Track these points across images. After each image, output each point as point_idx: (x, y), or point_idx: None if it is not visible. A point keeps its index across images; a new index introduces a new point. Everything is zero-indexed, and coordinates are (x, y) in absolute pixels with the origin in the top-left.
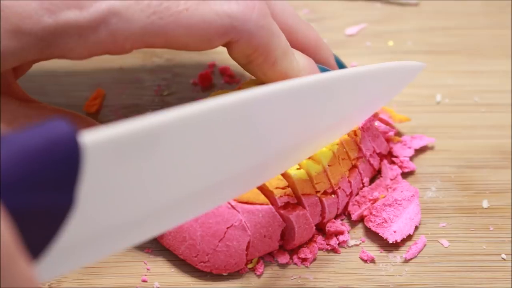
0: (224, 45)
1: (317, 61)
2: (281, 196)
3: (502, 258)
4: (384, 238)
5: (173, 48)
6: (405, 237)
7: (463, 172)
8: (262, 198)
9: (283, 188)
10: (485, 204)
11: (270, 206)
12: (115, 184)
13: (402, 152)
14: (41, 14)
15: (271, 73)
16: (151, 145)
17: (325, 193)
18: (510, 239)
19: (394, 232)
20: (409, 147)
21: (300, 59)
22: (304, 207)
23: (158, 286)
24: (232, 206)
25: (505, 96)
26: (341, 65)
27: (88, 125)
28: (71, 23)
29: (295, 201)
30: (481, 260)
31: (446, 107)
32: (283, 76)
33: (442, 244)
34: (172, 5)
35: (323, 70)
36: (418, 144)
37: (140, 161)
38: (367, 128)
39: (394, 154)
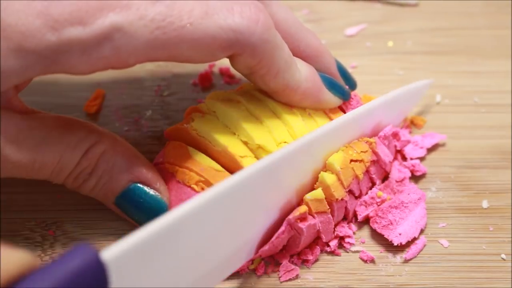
0: (227, 57)
1: (319, 69)
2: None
3: (502, 258)
4: (389, 240)
5: (176, 61)
6: (410, 239)
7: (463, 172)
8: None
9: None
10: (485, 204)
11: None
12: (139, 282)
13: (414, 153)
14: (44, 32)
15: (273, 84)
16: (163, 243)
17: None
18: (510, 239)
19: (400, 234)
20: (421, 147)
21: (302, 69)
22: (314, 217)
23: None
24: None
25: (505, 97)
26: (343, 72)
27: (88, 129)
28: (74, 40)
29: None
30: (481, 260)
31: (446, 107)
32: (285, 86)
33: (442, 244)
34: (176, 20)
35: (324, 78)
36: (429, 142)
37: (157, 257)
38: (384, 136)
39: (406, 156)
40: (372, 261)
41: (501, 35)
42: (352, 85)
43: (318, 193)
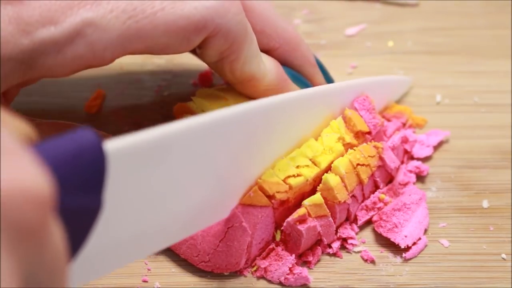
0: (199, 47)
1: (297, 56)
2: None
3: (502, 258)
4: (396, 243)
5: (155, 53)
6: (416, 241)
7: (463, 172)
8: (264, 200)
9: (285, 192)
10: (485, 204)
11: (271, 207)
12: (134, 190)
13: (422, 152)
14: (17, 36)
15: (239, 73)
16: (164, 154)
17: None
18: (510, 239)
19: (405, 236)
20: (427, 146)
21: (266, 61)
22: (313, 219)
23: (159, 286)
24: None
25: (505, 96)
26: (321, 66)
27: None
28: (47, 40)
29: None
30: (481, 260)
31: (446, 107)
32: (251, 76)
33: (442, 244)
34: (147, 8)
35: (288, 71)
36: (435, 140)
37: (155, 168)
38: (393, 146)
39: (414, 155)
40: (373, 261)
41: (501, 35)
42: (329, 79)
43: (317, 198)
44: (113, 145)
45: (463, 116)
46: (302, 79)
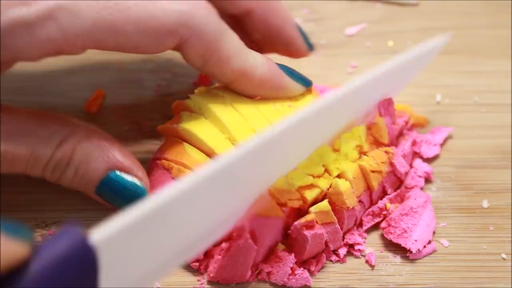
0: (177, 49)
1: (277, 18)
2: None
3: (502, 258)
4: (407, 248)
5: (126, 51)
6: (426, 244)
7: (463, 172)
8: (279, 212)
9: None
10: (485, 204)
11: (282, 218)
12: (126, 259)
13: (430, 152)
14: None
15: (228, 71)
16: (150, 223)
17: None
18: (510, 239)
19: (416, 241)
20: (434, 145)
21: (255, 54)
22: (321, 226)
23: (159, 286)
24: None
25: (505, 96)
26: (302, 32)
27: (62, 122)
28: (19, 20)
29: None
30: (481, 259)
31: (446, 107)
32: (241, 73)
33: (442, 244)
34: (121, 2)
35: (281, 66)
36: (440, 138)
37: (142, 237)
38: (403, 154)
39: (424, 156)
40: (373, 263)
41: (501, 35)
42: (310, 44)
43: (324, 205)
44: (99, 235)
45: (463, 116)
46: (295, 74)
